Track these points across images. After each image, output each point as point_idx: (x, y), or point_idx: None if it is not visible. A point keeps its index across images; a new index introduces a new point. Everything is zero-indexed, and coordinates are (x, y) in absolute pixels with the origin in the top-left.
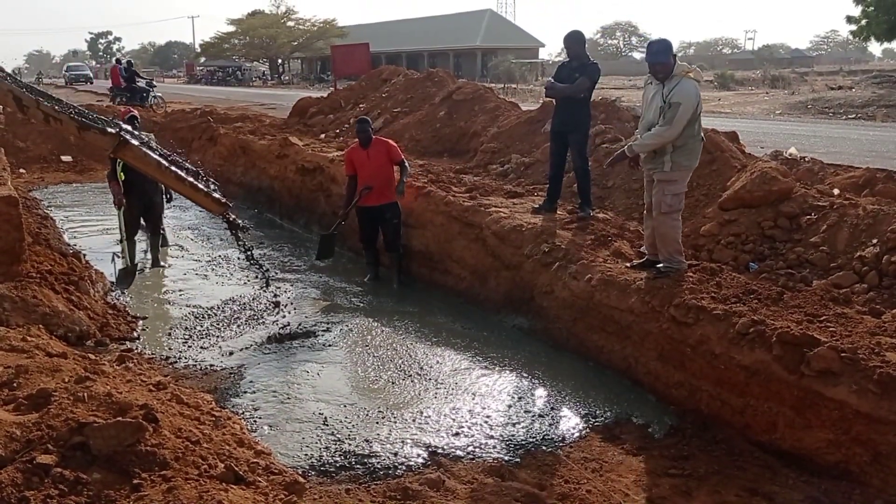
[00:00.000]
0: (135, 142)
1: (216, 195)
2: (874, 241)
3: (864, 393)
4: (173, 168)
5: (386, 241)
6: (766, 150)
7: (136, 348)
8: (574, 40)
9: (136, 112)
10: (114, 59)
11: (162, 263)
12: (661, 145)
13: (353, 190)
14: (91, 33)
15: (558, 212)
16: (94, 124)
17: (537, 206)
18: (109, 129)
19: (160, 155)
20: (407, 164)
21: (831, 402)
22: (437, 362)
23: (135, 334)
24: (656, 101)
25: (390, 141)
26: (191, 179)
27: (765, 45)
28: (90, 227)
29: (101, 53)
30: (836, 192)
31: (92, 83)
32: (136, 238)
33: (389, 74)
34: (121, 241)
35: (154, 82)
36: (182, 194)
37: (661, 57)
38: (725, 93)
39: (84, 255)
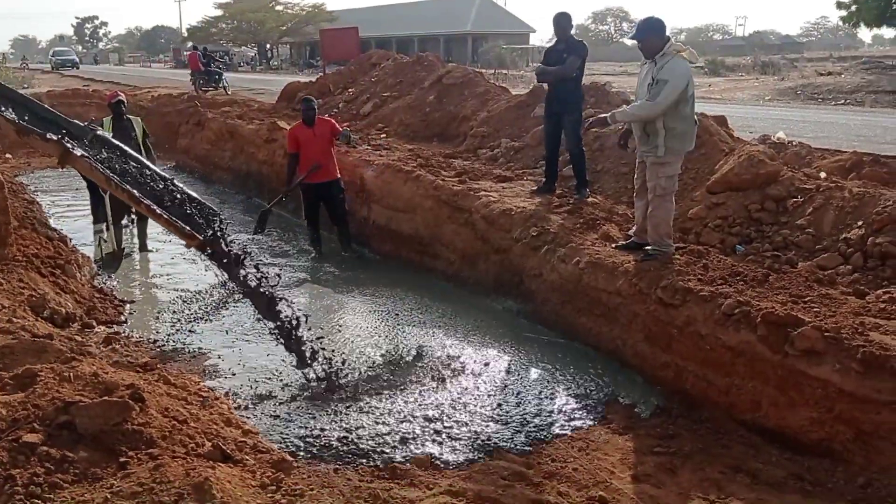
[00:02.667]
0: (78, 152)
1: (185, 227)
2: (859, 223)
3: (848, 372)
4: (126, 187)
5: (335, 214)
6: (754, 134)
7: (124, 331)
8: (562, 19)
9: (122, 96)
10: (190, 45)
11: (150, 248)
12: (643, 119)
13: (294, 168)
14: (77, 18)
15: (550, 196)
16: (33, 129)
17: (536, 188)
18: (50, 136)
19: (134, 163)
20: (350, 135)
21: (815, 381)
22: (425, 344)
23: (122, 318)
24: (647, 79)
25: (331, 119)
26: (147, 203)
27: (755, 32)
28: (76, 211)
29: (87, 39)
30: (822, 175)
31: (78, 68)
32: (122, 223)
33: (379, 59)
34: (107, 226)
35: (224, 67)
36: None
37: (643, 34)
38: (716, 78)
39: (70, 240)
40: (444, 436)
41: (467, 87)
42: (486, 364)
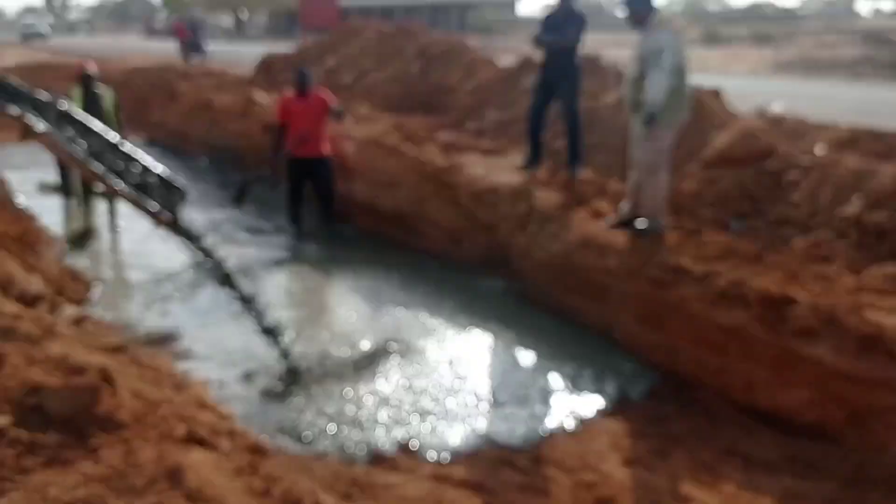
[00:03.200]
0: (41, 126)
1: (154, 206)
2: (856, 199)
3: (842, 351)
4: (91, 164)
5: (322, 193)
6: (750, 108)
7: (94, 312)
8: None
9: (92, 67)
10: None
11: (120, 226)
12: (665, 87)
13: (280, 139)
14: None
15: (538, 170)
16: None
17: (523, 163)
18: (11, 109)
19: (100, 139)
20: (342, 110)
21: (809, 360)
22: (409, 325)
23: (92, 298)
24: (637, 50)
25: (326, 90)
26: (112, 180)
27: (753, 3)
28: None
29: (56, 10)
30: (819, 150)
31: (47, 39)
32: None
33: (360, 28)
34: (79, 202)
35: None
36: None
37: (629, 4)
38: (712, 51)
39: (39, 218)
40: (428, 420)
41: (452, 58)
42: (473, 345)
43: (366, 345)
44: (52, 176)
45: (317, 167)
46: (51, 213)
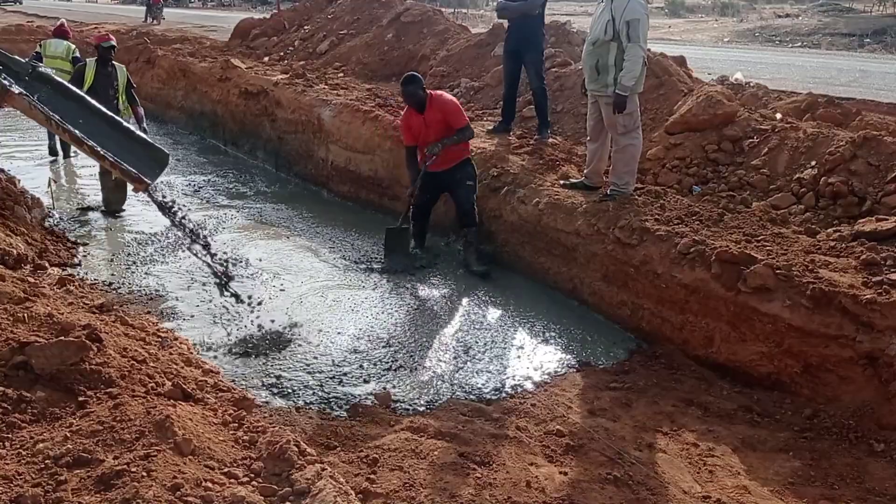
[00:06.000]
0: (16, 90)
1: (132, 170)
2: (812, 163)
3: (797, 308)
4: (68, 127)
5: (460, 211)
6: (713, 76)
7: (78, 274)
8: None
9: (114, 41)
10: None
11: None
12: (642, 63)
13: (415, 163)
14: None
15: (509, 136)
16: None
17: (492, 127)
18: None
19: (77, 102)
20: (469, 130)
21: (766, 316)
22: (384, 286)
23: (75, 260)
24: (605, 16)
25: (445, 96)
26: (91, 144)
27: None
28: (24, 152)
29: None
30: (778, 116)
31: (21, 3)
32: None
33: None
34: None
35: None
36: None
37: None
38: (675, 20)
39: (19, 180)
40: (404, 375)
41: (426, 26)
42: (446, 304)
43: (342, 304)
44: (28, 139)
45: (453, 176)
46: (31, 176)
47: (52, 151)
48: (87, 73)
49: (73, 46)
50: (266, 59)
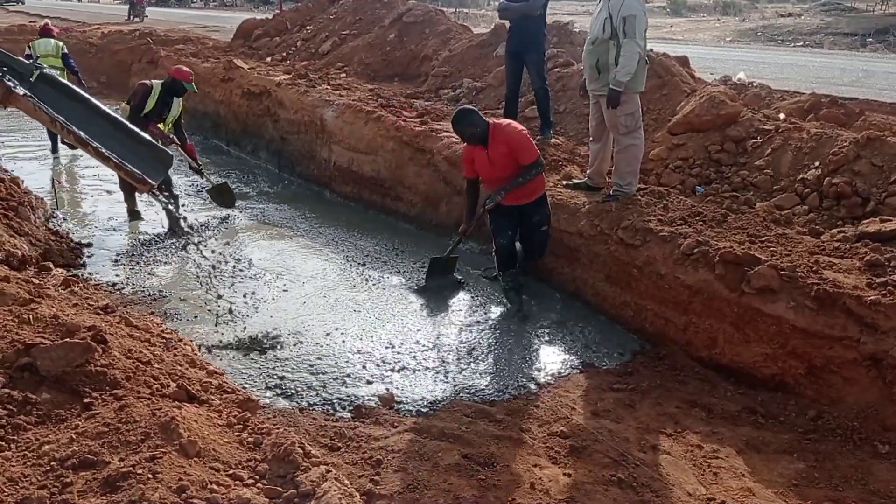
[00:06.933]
0: (20, 91)
1: (136, 171)
2: (816, 163)
3: (801, 309)
4: (73, 128)
5: (526, 256)
6: (715, 75)
7: (82, 275)
8: None
9: (193, 83)
10: None
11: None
12: (637, 59)
13: (475, 196)
14: None
15: None
16: None
17: None
18: None
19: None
20: (539, 165)
21: (770, 317)
22: (387, 286)
23: (79, 261)
24: (602, 14)
25: (511, 126)
26: (96, 145)
27: None
28: (28, 152)
29: None
30: (781, 116)
31: (23, 3)
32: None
33: None
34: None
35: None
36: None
37: None
38: (677, 19)
39: (23, 181)
40: (408, 376)
41: (428, 26)
42: (449, 305)
43: (346, 305)
44: (31, 140)
45: (530, 216)
46: (35, 177)
47: (54, 150)
48: (151, 98)
49: (61, 44)
50: (268, 59)
